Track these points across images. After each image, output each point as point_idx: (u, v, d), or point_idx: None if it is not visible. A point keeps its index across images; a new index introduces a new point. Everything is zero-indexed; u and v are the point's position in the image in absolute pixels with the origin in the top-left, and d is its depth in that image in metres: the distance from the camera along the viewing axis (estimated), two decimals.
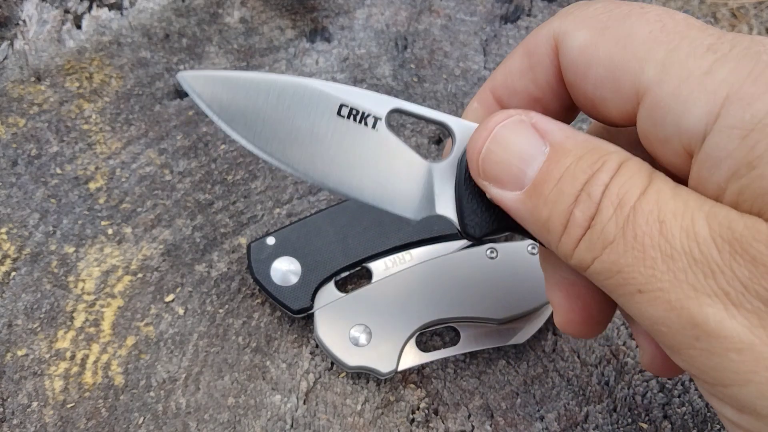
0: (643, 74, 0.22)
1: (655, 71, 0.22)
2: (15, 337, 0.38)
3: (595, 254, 0.22)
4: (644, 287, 0.21)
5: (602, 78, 0.23)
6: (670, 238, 0.21)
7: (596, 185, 0.22)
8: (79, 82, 0.46)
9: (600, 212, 0.22)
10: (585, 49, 0.24)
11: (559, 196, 0.23)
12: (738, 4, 1.35)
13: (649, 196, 0.21)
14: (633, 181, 0.22)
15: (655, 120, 0.22)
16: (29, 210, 0.42)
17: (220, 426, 0.36)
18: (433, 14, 0.50)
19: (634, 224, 0.21)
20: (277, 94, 0.26)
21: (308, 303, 0.38)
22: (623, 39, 0.23)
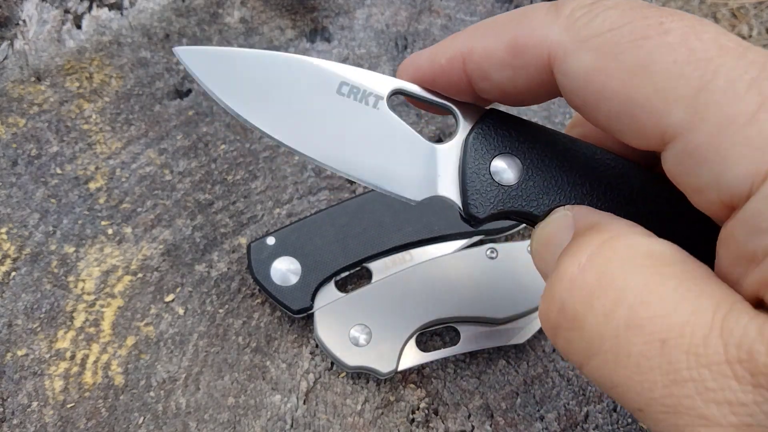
0: (670, 116, 0.19)
1: (685, 114, 0.18)
2: (15, 337, 0.38)
3: (581, 361, 0.19)
4: (645, 408, 0.18)
5: (617, 113, 0.20)
6: (674, 363, 0.17)
7: (566, 279, 0.20)
8: (79, 82, 0.46)
9: (574, 316, 0.19)
10: (592, 77, 0.20)
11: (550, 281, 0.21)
12: (738, 4, 1.35)
13: (648, 303, 0.18)
14: (623, 273, 0.19)
15: (688, 169, 0.19)
16: (29, 210, 0.42)
17: (220, 426, 0.36)
18: (433, 14, 0.50)
19: (627, 340, 0.18)
20: (276, 70, 0.26)
21: (308, 303, 0.38)
22: (641, 69, 0.19)
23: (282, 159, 0.44)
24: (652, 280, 0.18)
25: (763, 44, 1.31)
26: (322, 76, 0.26)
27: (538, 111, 0.46)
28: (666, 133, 0.19)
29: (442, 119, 0.46)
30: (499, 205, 0.25)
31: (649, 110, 0.19)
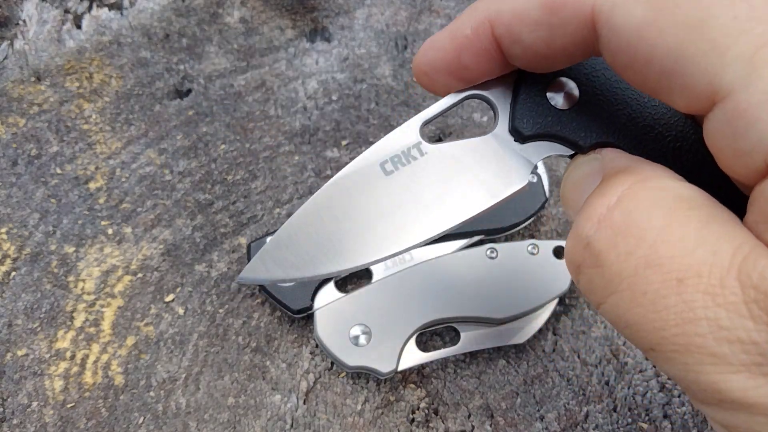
0: (724, 73, 0.18)
1: (741, 72, 0.18)
2: (15, 337, 0.38)
3: (599, 300, 0.19)
4: (657, 347, 0.18)
5: (668, 70, 0.19)
6: (689, 302, 0.18)
7: (592, 218, 0.20)
8: (79, 82, 0.46)
9: (599, 253, 0.19)
10: (644, 31, 0.19)
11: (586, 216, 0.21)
12: None
13: (668, 243, 0.18)
14: (647, 215, 0.19)
15: (735, 129, 0.18)
16: (29, 210, 0.42)
17: (220, 426, 0.36)
18: (433, 14, 0.50)
19: (645, 278, 0.18)
20: (323, 211, 0.25)
21: (308, 303, 0.38)
22: (698, 23, 0.18)
23: (282, 159, 0.44)
24: (675, 220, 0.19)
25: None
26: (363, 177, 0.25)
27: None
28: (718, 92, 0.18)
29: (442, 119, 0.46)
30: (547, 126, 0.25)
31: (705, 67, 0.18)
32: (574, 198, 0.23)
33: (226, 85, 0.46)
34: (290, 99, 0.46)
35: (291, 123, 0.45)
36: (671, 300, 0.18)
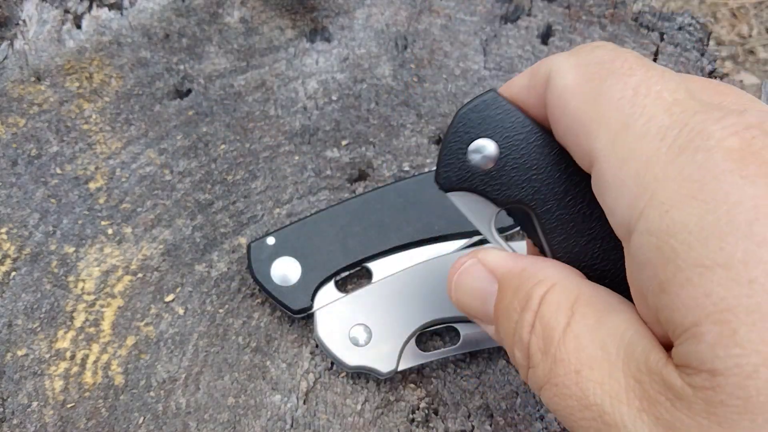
0: (597, 141, 0.22)
1: (606, 142, 0.21)
2: (15, 337, 0.38)
3: (537, 391, 0.23)
4: (572, 430, 0.22)
5: (569, 128, 0.23)
6: (584, 390, 0.21)
7: (524, 327, 0.23)
8: (79, 82, 0.46)
9: (531, 355, 0.23)
10: (563, 94, 0.23)
11: (506, 335, 0.25)
12: (738, 4, 1.35)
13: (568, 341, 0.22)
14: (555, 319, 0.23)
15: (599, 190, 0.22)
16: (29, 210, 0.42)
17: (220, 426, 0.36)
18: (433, 14, 0.50)
19: (555, 373, 0.22)
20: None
21: (308, 303, 0.38)
22: (596, 97, 0.22)
23: (282, 159, 0.44)
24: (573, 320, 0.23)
25: (763, 44, 1.31)
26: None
27: None
28: (591, 155, 0.22)
29: (442, 119, 0.46)
30: (465, 183, 0.27)
31: (587, 132, 0.22)
32: (475, 306, 0.27)
33: (226, 85, 0.46)
34: (290, 99, 0.46)
35: (291, 123, 0.45)
36: (572, 389, 0.21)
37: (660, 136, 0.20)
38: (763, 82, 0.48)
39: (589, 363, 0.21)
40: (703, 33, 0.48)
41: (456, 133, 0.26)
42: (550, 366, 0.22)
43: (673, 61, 0.47)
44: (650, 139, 0.20)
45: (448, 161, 0.27)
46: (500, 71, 0.47)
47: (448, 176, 0.27)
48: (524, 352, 0.23)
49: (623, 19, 0.49)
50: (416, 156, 0.44)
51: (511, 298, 0.24)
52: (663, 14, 0.49)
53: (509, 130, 0.26)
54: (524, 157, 0.26)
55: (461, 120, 0.26)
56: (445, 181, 0.27)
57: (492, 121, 0.26)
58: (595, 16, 0.49)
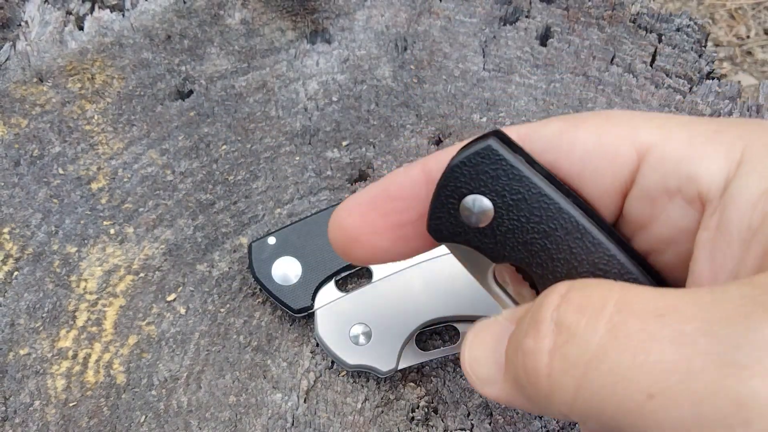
0: (639, 136, 0.21)
1: (655, 132, 0.21)
2: (17, 337, 0.38)
3: (579, 371, 0.18)
4: (655, 387, 0.16)
5: (591, 151, 0.22)
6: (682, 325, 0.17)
7: (547, 308, 0.19)
8: (81, 83, 0.46)
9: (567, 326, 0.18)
10: (562, 135, 0.22)
11: (514, 346, 0.20)
12: (736, 5, 1.36)
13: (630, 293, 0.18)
14: (596, 290, 0.19)
15: (666, 172, 0.21)
16: (31, 210, 0.42)
17: (221, 424, 0.36)
18: (432, 16, 0.50)
19: (624, 323, 0.17)
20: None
21: (309, 302, 0.38)
22: (605, 122, 0.22)
23: (283, 159, 0.44)
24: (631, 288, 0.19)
25: (761, 45, 1.31)
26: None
27: (537, 112, 0.46)
28: (640, 149, 0.22)
29: (441, 120, 0.46)
30: (458, 238, 0.24)
31: (622, 137, 0.22)
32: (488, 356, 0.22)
33: (227, 86, 0.47)
34: (291, 100, 0.46)
35: (292, 124, 0.46)
36: (658, 332, 0.17)
37: (715, 125, 0.21)
38: (761, 82, 0.48)
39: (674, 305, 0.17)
40: (701, 34, 0.48)
41: (446, 186, 0.23)
42: (609, 320, 0.17)
43: (671, 62, 0.47)
44: (706, 122, 0.21)
45: (439, 214, 0.24)
46: (499, 72, 0.48)
47: (439, 228, 0.24)
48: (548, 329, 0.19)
49: (621, 20, 0.49)
50: (416, 156, 0.45)
51: (516, 331, 0.21)
52: (661, 16, 0.49)
53: (507, 187, 0.23)
54: (522, 219, 0.23)
55: (453, 173, 0.23)
56: (436, 233, 0.24)
57: (487, 177, 0.23)
58: (593, 17, 0.49)
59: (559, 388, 0.18)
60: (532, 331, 0.19)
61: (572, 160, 0.22)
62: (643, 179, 0.21)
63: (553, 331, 0.18)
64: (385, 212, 0.24)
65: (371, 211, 0.24)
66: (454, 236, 0.24)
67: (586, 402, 0.17)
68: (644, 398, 0.16)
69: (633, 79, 0.47)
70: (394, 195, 0.24)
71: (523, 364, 0.19)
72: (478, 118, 0.46)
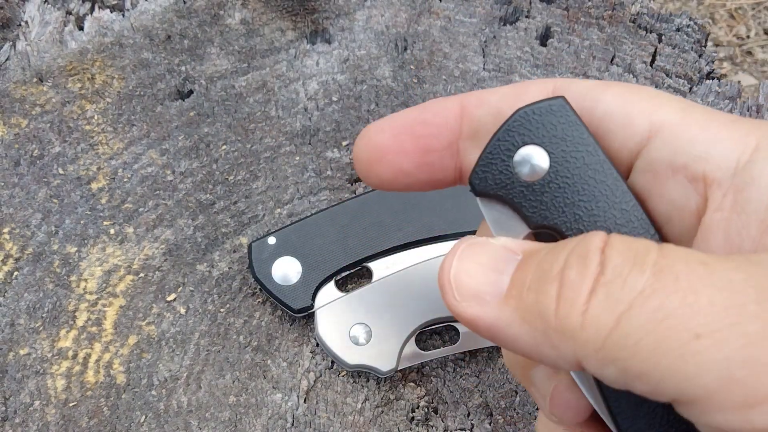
0: (658, 113, 0.21)
1: (674, 112, 0.21)
2: (17, 336, 0.38)
3: (621, 308, 0.17)
4: (704, 327, 0.16)
5: (611, 113, 0.22)
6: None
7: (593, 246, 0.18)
8: (81, 83, 0.46)
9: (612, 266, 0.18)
10: (590, 91, 0.23)
11: (542, 274, 0.19)
12: (736, 5, 1.36)
13: (670, 246, 0.18)
14: (636, 241, 0.18)
15: (676, 148, 0.21)
16: (32, 210, 0.42)
17: (221, 424, 0.36)
18: (432, 16, 0.50)
19: (671, 266, 0.17)
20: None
21: (309, 302, 0.38)
22: (630, 92, 0.22)
23: (283, 159, 0.44)
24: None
25: (761, 45, 1.31)
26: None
27: None
28: (654, 123, 0.22)
29: None
30: (501, 192, 0.23)
31: (641, 108, 0.23)
32: (479, 281, 0.21)
33: (227, 86, 0.47)
34: (291, 100, 0.46)
35: (292, 124, 0.46)
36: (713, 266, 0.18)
37: (731, 117, 0.21)
38: (761, 82, 0.48)
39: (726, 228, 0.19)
40: (701, 34, 0.48)
41: (508, 131, 0.23)
42: (654, 263, 0.17)
43: (671, 62, 0.47)
44: (723, 113, 0.22)
45: (490, 161, 0.23)
46: (499, 72, 0.48)
47: (485, 178, 0.23)
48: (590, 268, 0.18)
49: (622, 20, 0.49)
50: None
51: (544, 260, 0.20)
52: (661, 16, 0.49)
53: (568, 144, 0.23)
54: (575, 178, 0.22)
55: (519, 120, 0.23)
56: (480, 182, 0.23)
57: (552, 130, 0.23)
58: (593, 17, 0.49)
59: (593, 324, 0.17)
60: (576, 264, 0.18)
61: (591, 117, 0.23)
62: (651, 152, 0.22)
63: (597, 269, 0.18)
64: (417, 135, 0.24)
65: (403, 132, 0.25)
66: (499, 188, 0.23)
67: (620, 340, 0.17)
68: (690, 337, 0.16)
69: (633, 79, 0.47)
70: (428, 120, 0.24)
71: (556, 294, 0.18)
72: None
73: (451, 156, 0.24)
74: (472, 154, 0.24)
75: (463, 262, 0.21)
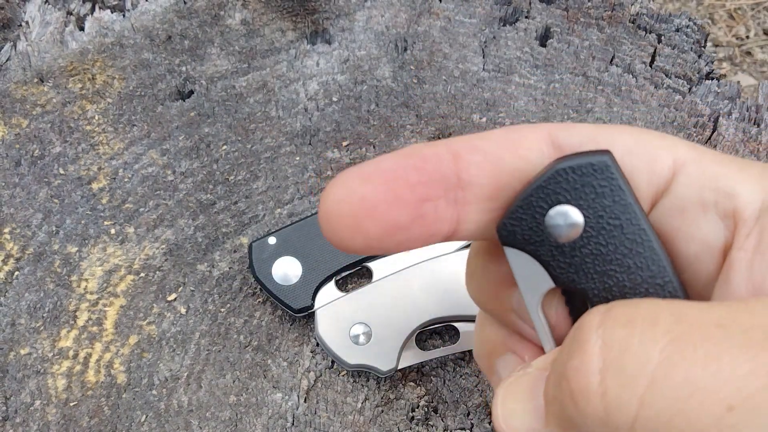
0: (677, 150, 0.21)
1: (689, 149, 0.21)
2: (18, 336, 0.38)
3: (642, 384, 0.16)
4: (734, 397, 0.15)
5: (632, 152, 0.21)
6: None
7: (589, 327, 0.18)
8: (81, 83, 0.46)
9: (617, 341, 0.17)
10: (600, 134, 0.22)
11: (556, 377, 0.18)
12: (736, 6, 1.36)
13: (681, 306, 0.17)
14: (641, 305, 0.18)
15: (704, 184, 0.20)
16: (32, 210, 0.42)
17: (221, 424, 0.36)
18: (432, 16, 0.50)
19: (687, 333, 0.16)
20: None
21: (309, 302, 0.38)
22: (640, 132, 0.22)
23: (283, 159, 0.44)
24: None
25: (760, 45, 1.31)
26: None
27: (537, 112, 0.46)
28: (677, 161, 0.22)
29: (441, 120, 0.46)
30: (531, 247, 0.22)
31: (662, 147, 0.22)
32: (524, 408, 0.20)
33: (227, 87, 0.47)
34: (291, 100, 0.47)
35: (292, 124, 0.46)
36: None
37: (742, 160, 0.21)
38: (760, 83, 0.48)
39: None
40: (700, 34, 0.49)
41: (544, 188, 0.21)
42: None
43: (671, 62, 0.47)
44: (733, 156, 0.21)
45: (521, 215, 0.22)
46: (499, 73, 0.48)
47: (514, 230, 0.22)
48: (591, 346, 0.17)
49: (621, 21, 0.49)
50: None
51: (557, 361, 0.19)
52: (661, 16, 0.49)
53: (607, 209, 0.21)
54: (609, 246, 0.21)
55: (558, 176, 0.21)
56: (508, 234, 0.22)
57: (591, 191, 0.21)
58: (593, 18, 0.49)
59: (617, 408, 0.16)
60: (576, 353, 0.17)
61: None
62: (679, 188, 0.21)
63: (601, 348, 0.17)
64: (412, 182, 0.21)
65: (396, 179, 0.21)
66: (527, 244, 0.22)
67: (651, 420, 0.16)
68: (723, 410, 0.15)
69: (632, 79, 0.47)
70: (420, 166, 0.22)
71: (570, 390, 0.17)
72: (477, 119, 0.46)
73: (447, 206, 0.22)
74: (471, 204, 0.22)
75: (507, 405, 0.21)
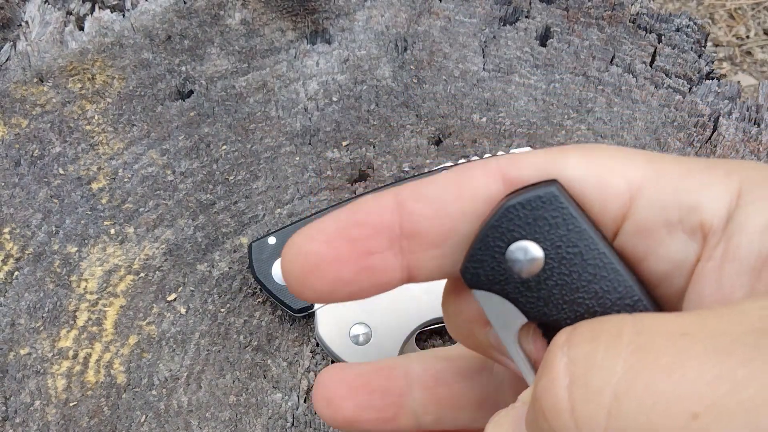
0: (630, 170, 0.20)
1: (645, 165, 0.20)
2: (18, 336, 0.38)
3: (607, 398, 0.16)
4: (699, 404, 0.15)
5: (580, 180, 0.21)
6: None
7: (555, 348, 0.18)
8: (81, 83, 0.46)
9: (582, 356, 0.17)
10: (549, 164, 0.21)
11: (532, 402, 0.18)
12: (736, 5, 1.36)
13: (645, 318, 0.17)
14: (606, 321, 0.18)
15: (665, 203, 0.20)
16: (32, 210, 0.42)
17: (221, 424, 0.36)
18: (432, 16, 0.50)
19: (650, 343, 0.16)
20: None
21: (309, 302, 0.38)
22: (591, 153, 0.21)
23: (283, 159, 0.44)
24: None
25: (760, 45, 1.31)
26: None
27: (537, 112, 0.46)
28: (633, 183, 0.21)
29: (441, 120, 0.46)
30: (496, 286, 0.22)
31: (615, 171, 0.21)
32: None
33: (227, 87, 0.47)
34: (291, 100, 0.47)
35: (292, 124, 0.46)
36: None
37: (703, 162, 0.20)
38: (760, 83, 0.48)
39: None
40: (700, 34, 0.48)
41: (498, 228, 0.21)
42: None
43: (671, 62, 0.47)
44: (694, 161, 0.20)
45: (481, 257, 0.22)
46: (499, 72, 0.48)
47: (477, 273, 0.22)
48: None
49: (621, 20, 0.49)
50: (416, 157, 0.45)
51: (533, 389, 0.19)
52: (661, 16, 0.49)
53: (564, 239, 0.21)
54: (574, 275, 0.21)
55: (508, 214, 0.21)
56: (472, 276, 0.22)
57: (545, 224, 0.21)
58: (593, 17, 0.49)
59: (587, 422, 0.16)
60: (545, 372, 0.17)
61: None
62: (639, 212, 0.20)
63: (567, 365, 0.17)
64: (353, 238, 0.22)
65: (336, 237, 0.22)
66: (492, 284, 0.22)
67: (620, 431, 0.16)
68: (688, 418, 0.15)
69: (633, 79, 0.47)
70: (362, 221, 0.22)
71: (542, 410, 0.17)
72: (478, 118, 0.46)
73: (394, 256, 0.22)
74: (418, 252, 0.22)
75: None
